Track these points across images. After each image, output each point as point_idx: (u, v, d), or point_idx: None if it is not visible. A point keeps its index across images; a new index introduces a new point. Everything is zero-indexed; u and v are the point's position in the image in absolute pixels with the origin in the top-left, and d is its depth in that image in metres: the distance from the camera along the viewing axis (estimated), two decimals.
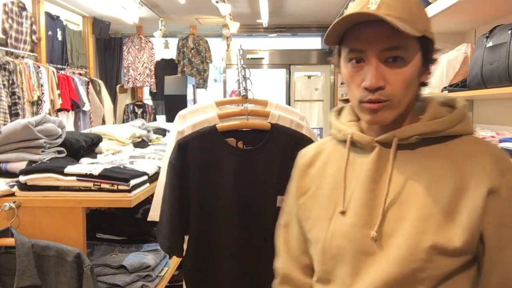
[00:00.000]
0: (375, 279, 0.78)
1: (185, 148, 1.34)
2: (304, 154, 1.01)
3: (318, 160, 0.97)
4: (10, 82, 3.60)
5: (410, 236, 0.77)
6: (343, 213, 0.85)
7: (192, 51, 6.23)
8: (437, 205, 0.78)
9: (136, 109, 6.14)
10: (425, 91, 0.93)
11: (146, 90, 6.47)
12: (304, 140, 1.36)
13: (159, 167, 1.64)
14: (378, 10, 0.77)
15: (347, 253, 0.84)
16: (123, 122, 5.99)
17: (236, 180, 1.34)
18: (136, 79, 6.13)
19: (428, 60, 0.84)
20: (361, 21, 0.79)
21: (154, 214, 1.46)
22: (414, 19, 0.78)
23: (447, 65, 2.51)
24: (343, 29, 0.81)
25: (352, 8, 0.81)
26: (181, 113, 1.47)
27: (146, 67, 6.15)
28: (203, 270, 1.37)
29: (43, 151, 1.58)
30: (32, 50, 4.34)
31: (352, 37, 0.81)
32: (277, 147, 1.36)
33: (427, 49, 0.83)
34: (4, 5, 3.96)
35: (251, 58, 6.16)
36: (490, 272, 0.79)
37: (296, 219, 0.99)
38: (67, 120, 4.53)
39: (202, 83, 6.28)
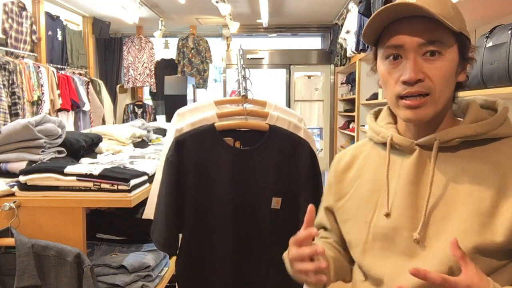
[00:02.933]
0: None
1: (182, 145, 1.34)
2: (341, 159, 1.02)
3: (355, 164, 0.98)
4: (10, 82, 3.60)
5: (453, 237, 0.76)
6: (387, 215, 0.86)
7: (192, 51, 6.23)
8: (480, 206, 0.78)
9: (136, 109, 6.14)
10: None
11: (146, 90, 6.47)
12: (301, 143, 1.36)
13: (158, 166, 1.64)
14: (418, 3, 0.78)
15: (390, 255, 0.85)
16: (123, 122, 5.99)
17: (232, 179, 1.34)
18: (136, 79, 6.14)
19: (465, 59, 0.84)
20: (397, 17, 0.80)
21: (149, 212, 1.45)
22: (451, 16, 0.79)
23: None
24: (380, 24, 0.82)
25: (383, 7, 0.81)
26: (179, 111, 1.47)
27: (146, 67, 6.15)
28: (196, 268, 1.37)
29: (43, 151, 1.58)
30: (32, 50, 4.35)
31: (389, 34, 0.82)
32: (274, 148, 1.36)
33: (464, 46, 0.83)
34: (4, 5, 3.96)
35: (251, 58, 6.16)
36: None
37: (327, 221, 1.03)
38: (67, 120, 4.53)
39: (202, 83, 6.28)
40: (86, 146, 1.80)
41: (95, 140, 1.90)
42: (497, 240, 0.76)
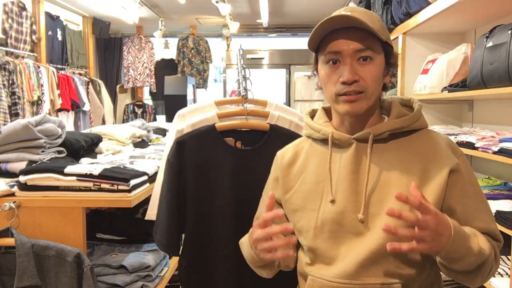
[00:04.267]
0: (362, 252, 0.93)
1: (183, 146, 1.34)
2: (284, 155, 1.12)
3: (298, 159, 1.09)
4: (10, 82, 3.60)
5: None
6: (332, 201, 0.98)
7: (192, 51, 6.23)
8: (409, 187, 0.89)
9: (136, 109, 6.14)
10: (426, 91, 1.04)
11: (146, 90, 6.48)
12: None
13: (159, 167, 1.64)
14: (354, 15, 0.93)
15: (339, 236, 0.97)
16: (123, 122, 5.99)
17: (233, 179, 1.34)
18: (136, 79, 6.14)
19: (389, 64, 1.01)
20: (335, 28, 0.95)
21: (152, 213, 1.46)
22: (378, 28, 0.96)
23: (447, 65, 2.51)
24: (321, 34, 0.97)
25: (325, 18, 0.95)
26: (180, 112, 1.47)
27: (146, 67, 6.15)
28: (198, 269, 1.37)
29: (43, 151, 1.58)
30: (32, 50, 4.35)
31: (329, 42, 0.97)
32: (275, 148, 1.35)
33: (388, 53, 1.00)
34: (4, 5, 3.96)
35: (251, 58, 6.16)
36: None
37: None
38: (67, 120, 4.53)
39: (202, 83, 6.29)
40: (86, 146, 1.80)
41: (95, 140, 1.90)
42: None
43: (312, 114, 1.14)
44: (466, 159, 1.03)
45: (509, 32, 1.80)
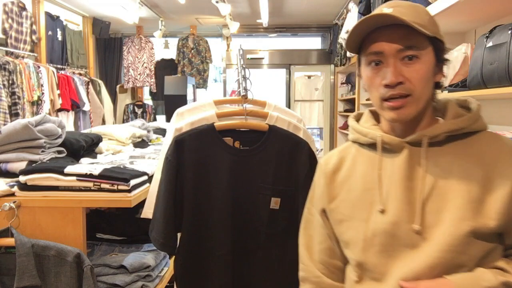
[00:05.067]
0: (421, 265, 0.85)
1: (181, 145, 1.33)
2: (328, 161, 1.05)
3: (343, 166, 1.02)
4: (10, 82, 3.60)
5: (451, 224, 0.84)
6: (382, 211, 0.90)
7: (192, 51, 6.23)
8: (470, 194, 0.85)
9: (136, 109, 6.14)
10: None
11: (146, 90, 6.47)
12: (300, 144, 1.36)
13: (157, 165, 1.64)
14: (394, 13, 0.86)
15: (391, 249, 0.89)
16: (123, 122, 5.99)
17: (231, 179, 1.34)
18: (136, 79, 6.14)
19: (440, 60, 0.92)
20: (377, 26, 0.88)
21: (148, 211, 1.45)
22: (424, 23, 0.87)
23: (447, 65, 2.50)
24: (362, 33, 0.90)
25: (363, 18, 0.89)
26: (179, 110, 1.47)
27: (146, 67, 6.15)
28: (194, 268, 1.37)
29: (43, 151, 1.58)
30: (32, 50, 4.34)
31: (370, 42, 0.90)
32: (273, 149, 1.35)
33: (438, 49, 0.91)
34: (4, 5, 3.96)
35: (251, 58, 6.17)
36: None
37: (320, 224, 1.04)
38: (67, 120, 4.53)
39: (202, 83, 6.28)
40: (86, 146, 1.80)
41: (95, 140, 1.90)
42: (490, 224, 0.83)
43: (358, 118, 1.07)
44: None
45: (509, 32, 1.80)
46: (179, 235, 1.39)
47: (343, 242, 0.98)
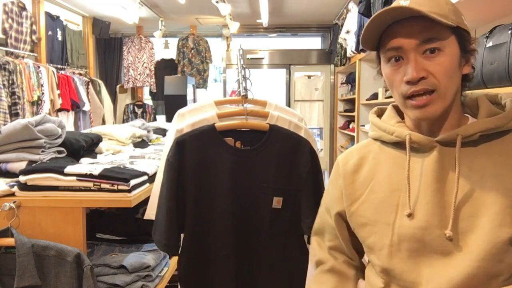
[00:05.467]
0: (458, 275, 0.79)
1: (183, 146, 1.34)
2: (347, 160, 0.99)
3: (365, 165, 0.96)
4: (10, 82, 3.60)
5: (489, 231, 0.78)
6: (410, 215, 0.85)
7: (192, 51, 6.23)
8: (509, 198, 0.79)
9: (136, 109, 6.14)
10: None
11: (146, 90, 6.47)
12: (302, 142, 1.36)
13: (159, 167, 1.64)
14: (410, 5, 0.80)
15: (421, 255, 0.83)
16: (123, 122, 5.99)
17: (233, 179, 1.34)
18: (136, 79, 6.13)
19: (466, 51, 0.86)
20: (394, 20, 0.83)
21: (151, 212, 1.45)
22: (445, 12, 0.81)
23: None
24: (378, 29, 0.85)
25: (378, 12, 0.84)
26: (180, 111, 1.47)
27: (146, 67, 6.15)
28: (198, 269, 1.37)
29: (43, 151, 1.58)
30: (32, 50, 4.34)
31: (388, 37, 0.84)
32: (274, 148, 1.35)
33: (463, 39, 0.85)
34: (4, 5, 3.96)
35: (251, 58, 6.17)
36: None
37: (332, 227, 1.02)
38: (67, 120, 4.53)
39: (202, 83, 6.28)
40: (86, 146, 1.80)
41: (95, 140, 1.89)
42: None
43: (379, 113, 1.01)
44: None
45: (509, 32, 1.80)
46: (182, 236, 1.39)
47: (367, 247, 0.93)
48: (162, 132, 2.76)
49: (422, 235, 0.83)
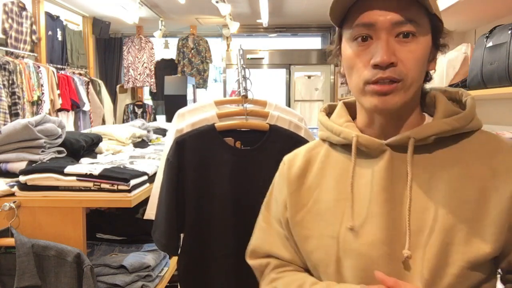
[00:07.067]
0: None
1: (183, 146, 1.34)
2: (292, 163, 0.88)
3: (311, 169, 0.86)
4: (10, 82, 3.60)
5: (438, 249, 0.70)
6: (351, 228, 0.75)
7: (192, 51, 6.23)
8: (463, 212, 0.71)
9: (136, 109, 6.14)
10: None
11: (146, 90, 6.48)
12: (302, 142, 1.35)
13: (158, 167, 1.64)
14: None
15: (369, 276, 0.72)
16: (123, 122, 5.99)
17: (233, 180, 1.34)
18: (136, 79, 6.13)
19: (437, 45, 0.78)
20: None
21: (151, 212, 1.45)
22: None
23: (447, 65, 2.51)
24: (348, 0, 0.72)
25: None
26: (180, 111, 1.47)
27: (146, 67, 6.15)
28: (198, 269, 1.37)
29: (43, 151, 1.58)
30: (32, 50, 4.34)
31: (359, 11, 0.72)
32: (274, 148, 1.35)
33: (437, 31, 0.76)
34: (4, 5, 3.96)
35: (251, 58, 6.16)
36: None
37: (281, 235, 0.89)
38: (67, 120, 4.53)
39: (202, 83, 6.29)
40: (86, 146, 1.80)
41: (95, 140, 1.89)
42: (486, 248, 0.69)
43: (329, 111, 0.90)
44: None
45: (509, 32, 1.80)
46: (182, 236, 1.39)
47: (312, 263, 0.81)
48: (162, 132, 2.77)
49: (368, 252, 0.73)
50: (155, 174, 1.64)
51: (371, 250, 0.73)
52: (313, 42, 6.97)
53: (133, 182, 1.43)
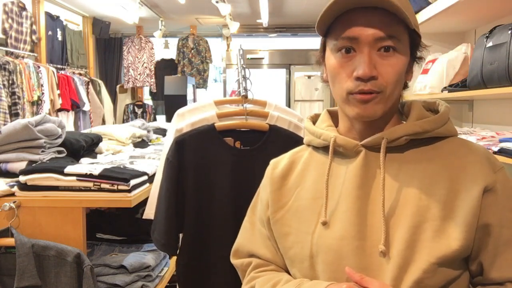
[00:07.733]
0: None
1: (182, 146, 1.34)
2: (277, 165, 0.94)
3: (293, 170, 0.91)
4: (10, 82, 3.60)
5: (407, 245, 0.73)
6: (325, 224, 0.79)
7: (192, 51, 6.23)
8: (432, 210, 0.74)
9: (136, 109, 6.14)
10: (426, 91, 0.91)
11: (146, 90, 6.48)
12: (301, 143, 1.36)
13: (158, 166, 1.64)
14: None
15: (338, 270, 0.77)
16: (123, 122, 5.99)
17: (232, 180, 1.34)
18: (136, 79, 6.14)
19: (414, 57, 0.83)
20: (356, 6, 0.75)
21: (150, 212, 1.45)
22: (408, 11, 0.75)
23: (447, 65, 2.51)
24: (337, 12, 0.77)
25: None
26: (179, 111, 1.47)
27: (146, 67, 6.15)
28: (196, 269, 1.37)
29: (43, 151, 1.58)
30: (32, 50, 4.34)
31: (344, 25, 0.77)
32: (274, 148, 1.35)
33: (415, 44, 0.81)
34: (4, 5, 3.96)
35: (251, 58, 6.16)
36: (491, 267, 0.76)
37: (264, 236, 0.93)
38: (67, 120, 4.53)
39: (202, 83, 6.29)
40: (86, 146, 1.80)
41: (95, 140, 1.90)
42: (453, 246, 0.72)
43: (315, 119, 0.96)
44: (507, 175, 0.78)
45: (509, 32, 1.80)
46: (181, 235, 1.39)
47: (289, 259, 0.85)
48: (162, 132, 2.77)
49: (338, 246, 0.77)
50: (155, 174, 1.64)
51: (341, 245, 0.77)
52: (313, 42, 6.97)
53: (133, 182, 1.43)
